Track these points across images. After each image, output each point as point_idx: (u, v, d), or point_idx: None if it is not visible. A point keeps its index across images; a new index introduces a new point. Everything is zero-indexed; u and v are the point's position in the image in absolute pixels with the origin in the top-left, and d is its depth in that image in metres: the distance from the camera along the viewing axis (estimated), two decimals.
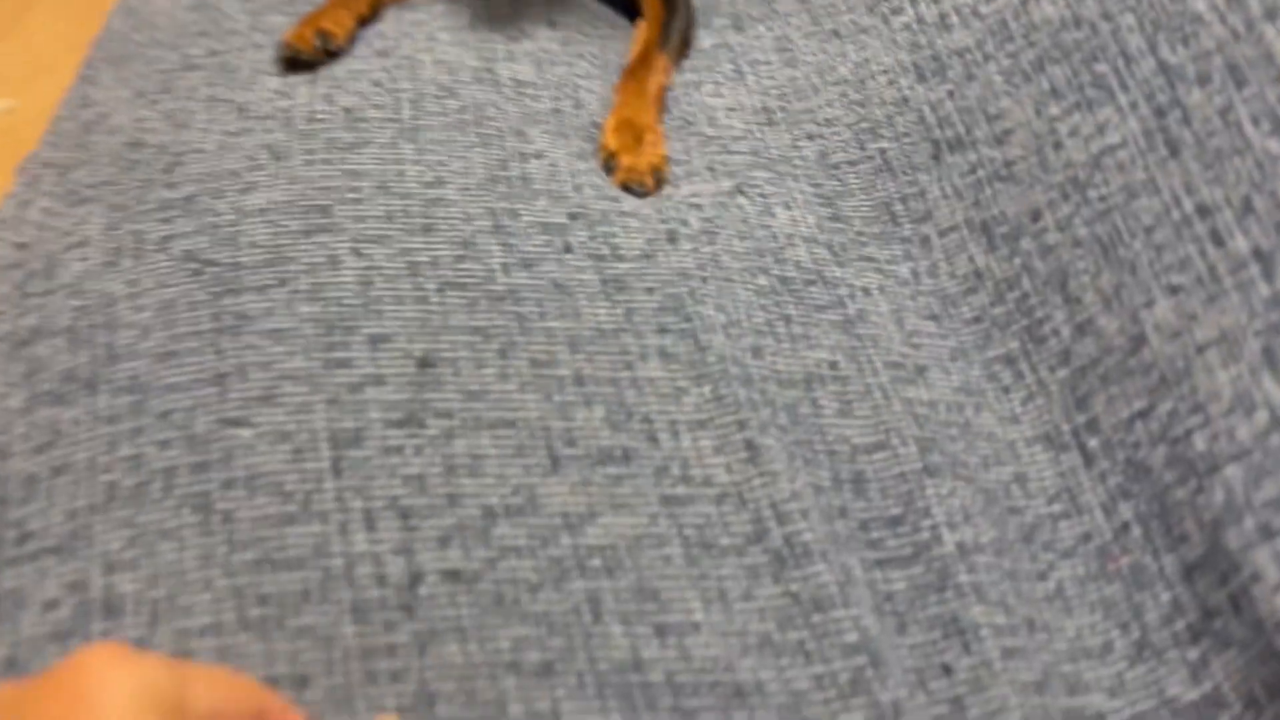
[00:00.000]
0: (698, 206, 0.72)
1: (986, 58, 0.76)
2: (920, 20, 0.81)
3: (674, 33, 0.89)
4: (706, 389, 0.61)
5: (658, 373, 0.61)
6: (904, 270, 0.73)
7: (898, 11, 0.83)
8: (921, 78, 0.78)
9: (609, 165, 0.75)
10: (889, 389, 0.64)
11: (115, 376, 0.57)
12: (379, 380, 0.58)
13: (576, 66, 0.85)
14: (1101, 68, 0.69)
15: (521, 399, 0.58)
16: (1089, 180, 0.67)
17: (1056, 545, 0.61)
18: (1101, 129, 0.68)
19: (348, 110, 0.73)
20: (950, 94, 0.76)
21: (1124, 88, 0.67)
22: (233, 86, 0.76)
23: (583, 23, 0.92)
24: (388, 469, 0.55)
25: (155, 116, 0.74)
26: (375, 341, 0.59)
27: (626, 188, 0.74)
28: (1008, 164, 0.72)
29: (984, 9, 0.77)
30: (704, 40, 0.94)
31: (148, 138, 0.72)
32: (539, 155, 0.73)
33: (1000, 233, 0.71)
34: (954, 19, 0.79)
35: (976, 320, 0.70)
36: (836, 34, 0.86)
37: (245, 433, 0.55)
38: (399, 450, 0.55)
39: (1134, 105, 0.66)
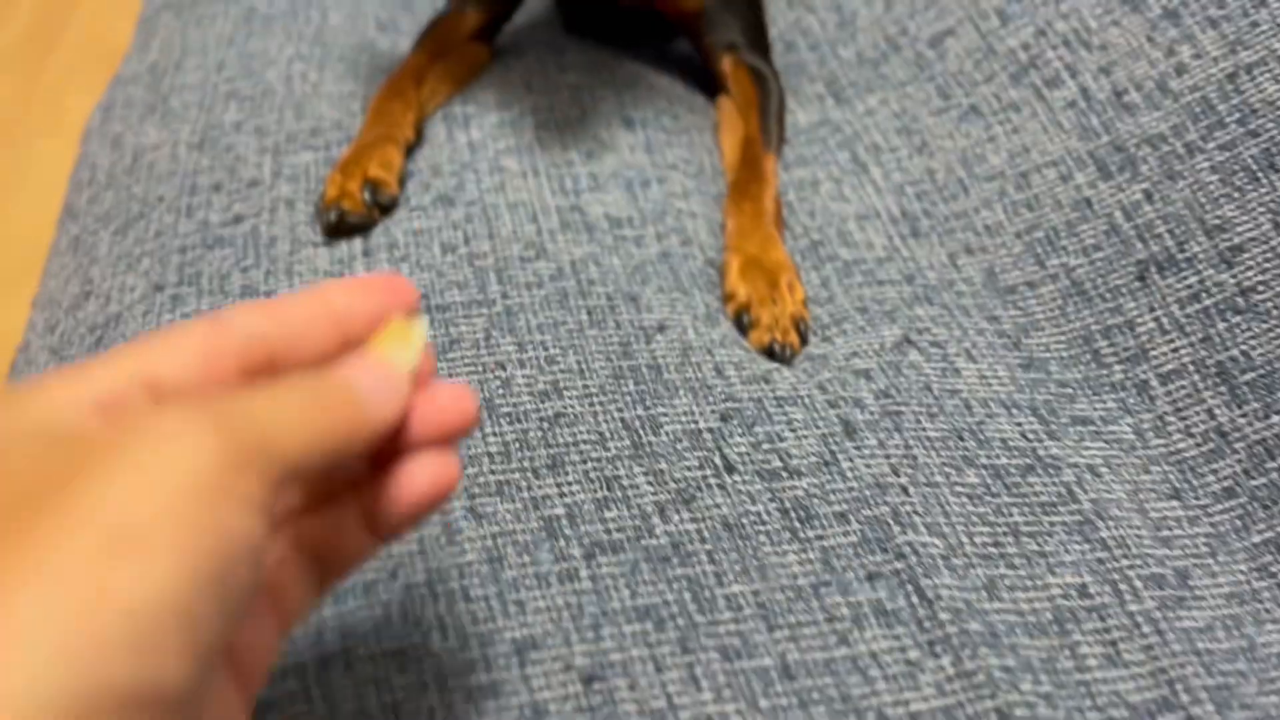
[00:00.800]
0: (865, 375, 0.59)
1: (1191, 149, 0.62)
2: (1087, 97, 0.66)
3: (772, 118, 0.75)
4: (946, 660, 0.47)
5: (880, 643, 0.48)
6: (1125, 429, 0.59)
7: (1054, 84, 0.68)
8: (1104, 173, 0.64)
9: (742, 321, 0.62)
10: (1158, 618, 0.51)
11: None
12: (537, 711, 0.44)
13: (670, 182, 0.70)
14: None
15: (721, 712, 0.45)
16: None
17: None
18: None
19: (423, 298, 0.59)
20: (1147, 195, 0.62)
21: None
22: (275, 270, 0.61)
23: (660, 114, 0.77)
24: None
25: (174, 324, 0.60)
26: (521, 651, 0.46)
27: (769, 351, 0.60)
28: (1243, 291, 0.58)
29: (1175, 84, 0.63)
30: (797, 114, 0.80)
31: None
32: (663, 328, 0.59)
33: (1245, 380, 0.57)
34: (1134, 96, 0.65)
35: (1228, 494, 0.57)
36: (976, 111, 0.72)
37: None
38: None
39: None
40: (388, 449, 0.30)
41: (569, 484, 0.51)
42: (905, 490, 0.53)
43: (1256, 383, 0.57)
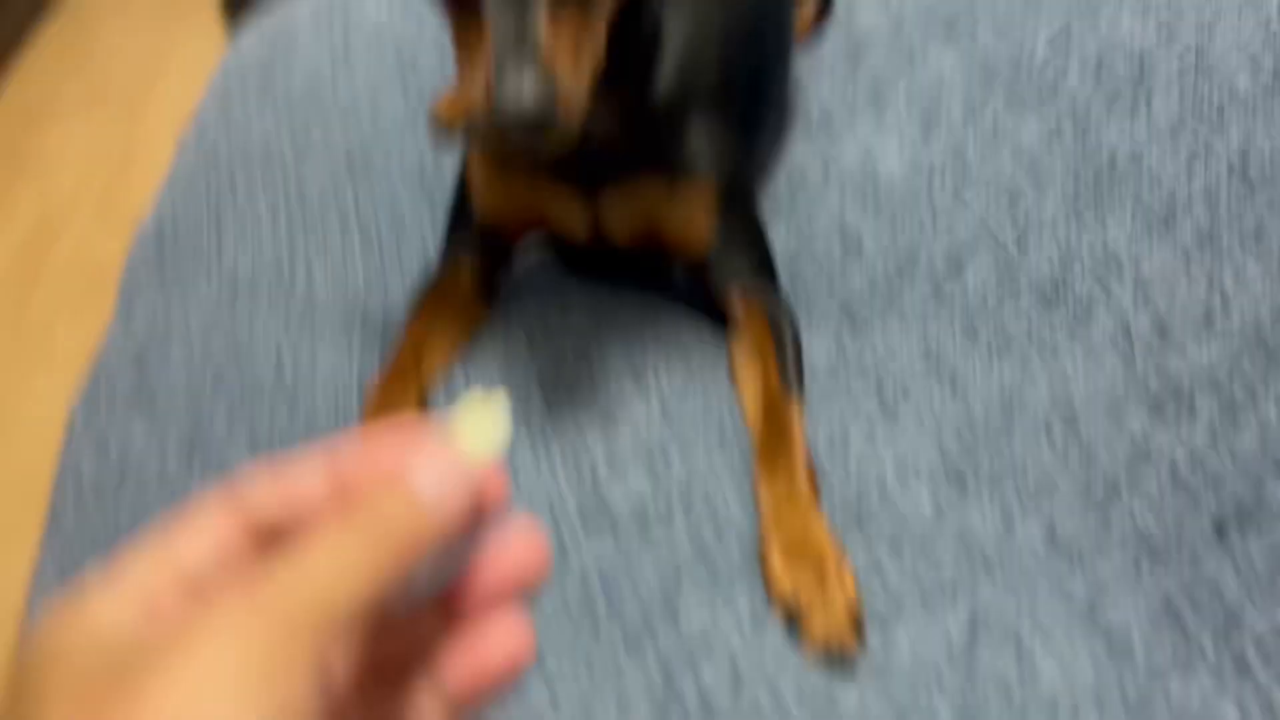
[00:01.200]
0: (938, 683, 0.53)
1: (1251, 393, 0.57)
2: (1128, 332, 0.63)
3: (790, 362, 0.71)
4: None
5: None
6: (1229, 714, 0.53)
7: (1089, 318, 0.64)
8: (1159, 416, 0.60)
9: (793, 623, 0.56)
10: None
11: None
12: None
13: (693, 453, 0.66)
14: None
15: None
16: None
17: None
18: None
19: None
20: (1212, 442, 0.58)
21: None
22: None
23: (671, 361, 0.73)
24: None
25: None
26: None
27: (826, 658, 0.55)
28: None
29: (1223, 324, 0.59)
30: (813, 346, 0.76)
31: None
32: (707, 647, 0.54)
33: None
34: (1181, 334, 0.61)
35: None
36: (1007, 347, 0.68)
37: None
38: None
39: None
40: (456, 597, 0.29)
41: None
42: None
43: None
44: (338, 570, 0.25)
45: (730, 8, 0.76)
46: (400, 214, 0.91)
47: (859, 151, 0.86)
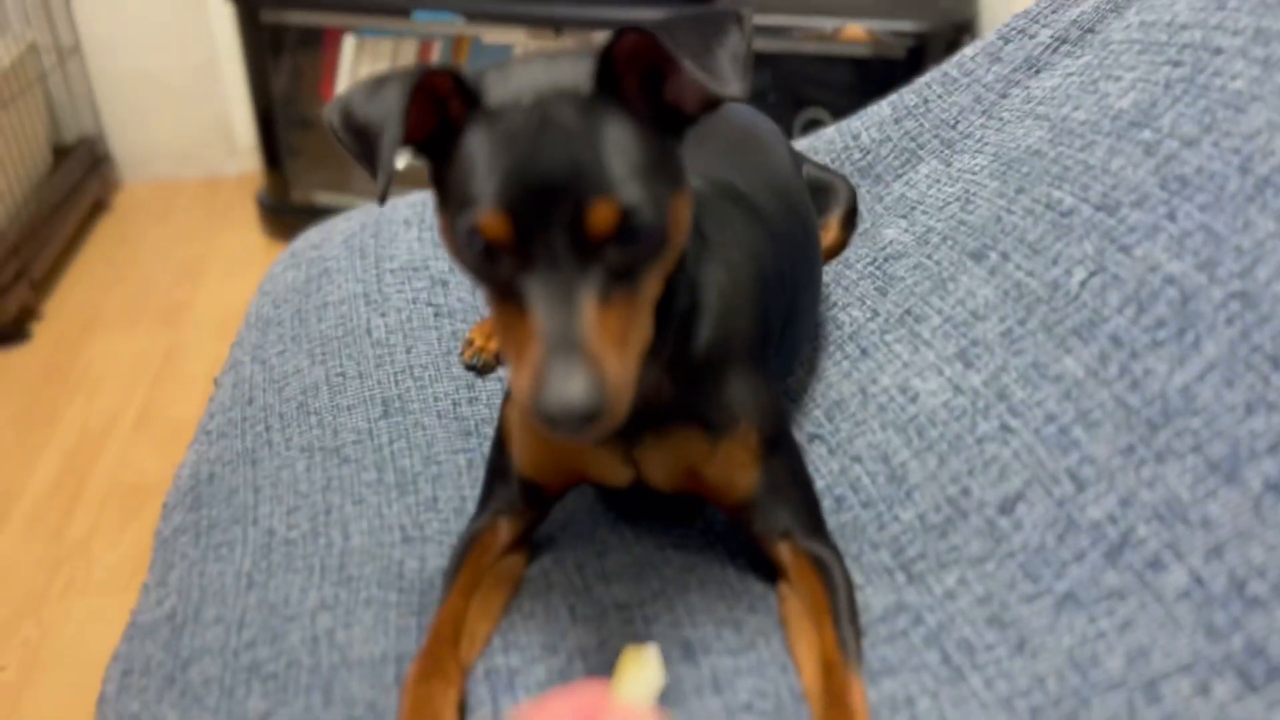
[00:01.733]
0: None
1: None
2: (1202, 585, 0.59)
3: (845, 620, 0.67)
4: None
5: None
6: None
7: (1157, 567, 0.61)
8: (1249, 685, 0.56)
9: None
10: None
11: None
12: None
13: None
14: None
15: None
16: None
17: None
18: None
19: None
20: None
21: None
22: None
23: (721, 626, 0.70)
24: None
25: None
26: None
27: None
28: None
29: None
30: (866, 591, 0.73)
31: None
32: None
33: None
34: (1258, 587, 0.57)
35: None
36: (1074, 599, 0.64)
37: None
38: None
39: None
40: None
41: None
42: None
43: None
44: None
45: (761, 256, 0.76)
46: (436, 455, 0.90)
47: (896, 377, 0.85)
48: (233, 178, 2.90)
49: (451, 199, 0.59)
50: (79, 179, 2.58)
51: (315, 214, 1.52)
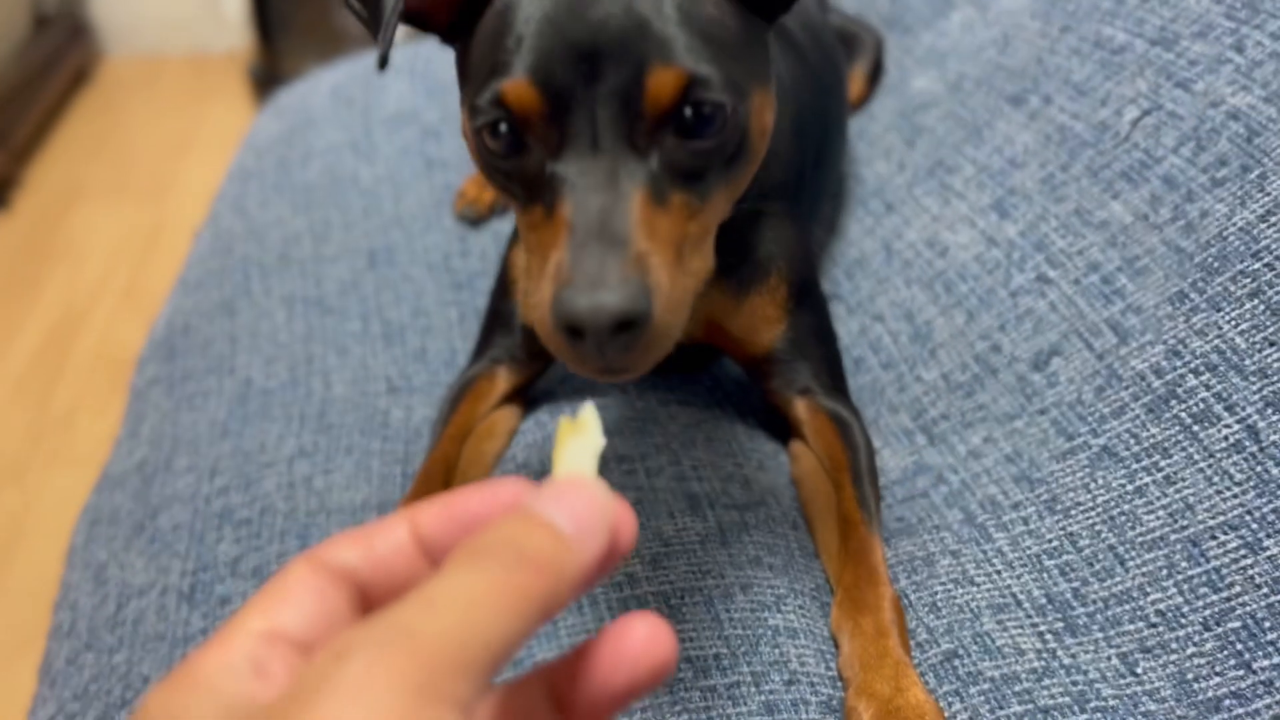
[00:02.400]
0: None
1: None
2: (1257, 437, 0.54)
3: (865, 481, 0.62)
4: None
5: None
6: None
7: (1206, 419, 0.56)
8: None
9: None
10: None
11: None
12: None
13: (757, 587, 0.57)
14: None
15: None
16: None
17: None
18: None
19: None
20: None
21: None
22: None
23: (728, 481, 0.65)
24: None
25: None
26: None
27: None
28: None
29: None
30: (883, 453, 0.68)
31: None
32: None
33: None
34: None
35: None
36: (1111, 454, 0.59)
37: None
38: None
39: None
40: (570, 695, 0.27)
41: None
42: None
43: None
44: (476, 608, 0.24)
45: (799, 88, 0.69)
46: (425, 308, 0.84)
47: (923, 231, 0.78)
48: (221, 53, 2.78)
49: (474, 78, 0.47)
50: (58, 46, 2.47)
51: None
